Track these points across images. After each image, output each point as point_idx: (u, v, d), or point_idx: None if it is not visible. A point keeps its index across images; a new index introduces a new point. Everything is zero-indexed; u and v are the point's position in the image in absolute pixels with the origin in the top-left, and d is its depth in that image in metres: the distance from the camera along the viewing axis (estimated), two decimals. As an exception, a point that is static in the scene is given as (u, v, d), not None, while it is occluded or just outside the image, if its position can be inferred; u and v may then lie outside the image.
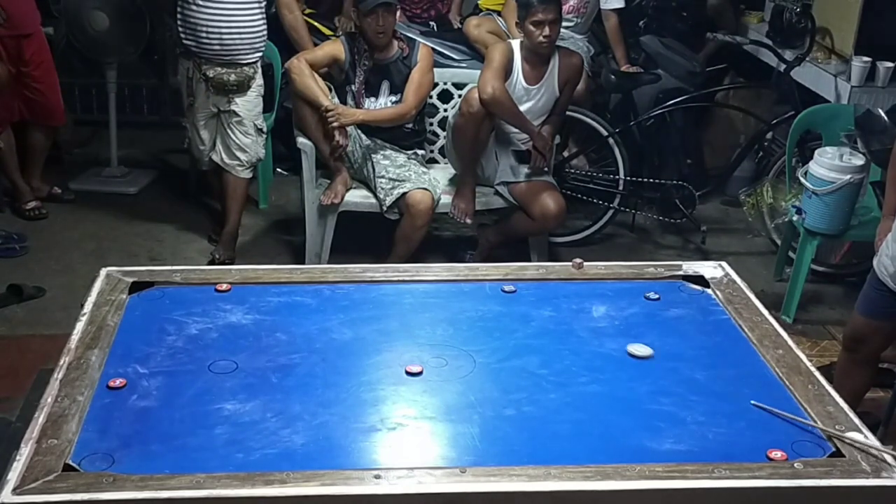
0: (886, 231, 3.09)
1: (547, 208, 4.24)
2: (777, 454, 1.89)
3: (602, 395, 2.12)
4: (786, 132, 4.58)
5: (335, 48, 4.34)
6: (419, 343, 2.31)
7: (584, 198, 4.91)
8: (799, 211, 4.13)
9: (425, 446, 1.96)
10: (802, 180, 4.11)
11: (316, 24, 5.03)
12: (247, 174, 4.52)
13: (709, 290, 2.59)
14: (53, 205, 5.00)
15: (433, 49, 4.58)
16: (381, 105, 4.34)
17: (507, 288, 2.56)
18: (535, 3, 4.03)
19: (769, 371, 2.21)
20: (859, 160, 3.96)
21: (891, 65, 4.58)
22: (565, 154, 5.06)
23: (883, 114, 3.67)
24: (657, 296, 2.55)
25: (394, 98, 4.34)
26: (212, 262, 4.37)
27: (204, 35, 4.20)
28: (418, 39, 4.53)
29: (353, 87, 4.33)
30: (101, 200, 5.04)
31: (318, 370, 2.18)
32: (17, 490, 1.72)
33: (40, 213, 4.88)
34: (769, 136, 5.09)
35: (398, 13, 4.25)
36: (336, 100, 4.30)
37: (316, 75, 4.24)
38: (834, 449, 1.92)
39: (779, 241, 4.68)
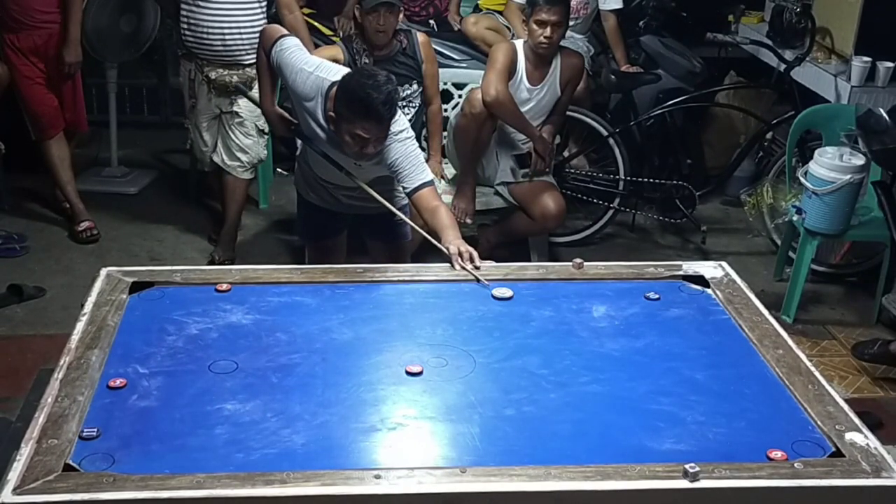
0: None
1: (547, 208, 4.24)
2: (777, 454, 1.89)
3: (602, 395, 2.12)
4: (786, 132, 4.57)
5: (333, 51, 4.32)
6: (419, 343, 2.31)
7: (584, 198, 4.91)
8: (799, 211, 4.13)
9: (425, 446, 1.96)
10: (802, 180, 4.11)
11: (316, 24, 5.03)
12: (247, 175, 4.52)
13: (709, 290, 2.59)
14: (53, 205, 5.00)
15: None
16: None
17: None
18: (541, 1, 4.03)
19: (769, 371, 2.21)
20: (859, 160, 3.96)
21: (891, 65, 4.58)
22: (565, 154, 5.06)
23: (884, 113, 3.67)
24: (657, 296, 2.55)
25: (400, 90, 4.31)
26: (211, 263, 4.37)
27: (206, 36, 4.20)
28: (413, 28, 4.52)
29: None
30: (101, 200, 5.04)
31: (318, 370, 2.18)
32: (17, 490, 1.72)
33: (92, 236, 4.67)
34: (769, 136, 5.09)
35: (401, 15, 4.23)
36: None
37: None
38: (834, 449, 1.92)
39: (779, 241, 4.68)
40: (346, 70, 3.09)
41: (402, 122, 3.04)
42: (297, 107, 3.17)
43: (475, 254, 2.74)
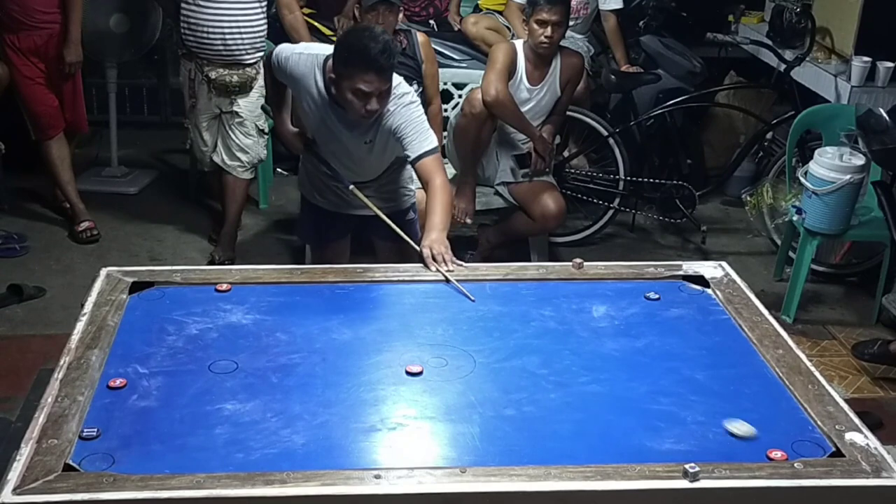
0: None
1: (547, 208, 4.24)
2: (777, 454, 1.89)
3: (602, 395, 2.12)
4: (786, 132, 4.57)
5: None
6: (419, 343, 2.31)
7: (584, 198, 4.91)
8: (799, 211, 4.13)
9: (425, 446, 1.96)
10: (802, 180, 4.11)
11: (316, 24, 5.03)
12: (247, 175, 4.52)
13: (709, 290, 2.59)
14: (53, 205, 5.00)
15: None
16: None
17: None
18: (542, 1, 4.03)
19: (769, 371, 2.21)
20: (859, 160, 3.96)
21: (891, 65, 4.58)
22: (565, 154, 5.06)
23: (884, 113, 3.67)
24: (657, 296, 2.55)
25: None
26: (211, 263, 4.37)
27: (206, 35, 4.20)
28: (412, 27, 4.52)
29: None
30: (101, 200, 5.04)
31: (318, 370, 2.18)
32: (17, 490, 1.72)
33: (92, 236, 4.68)
34: (769, 136, 5.09)
35: (400, 15, 4.23)
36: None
37: None
38: (834, 449, 1.92)
39: (779, 241, 4.68)
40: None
41: (405, 86, 3.03)
42: (303, 96, 3.11)
43: (448, 255, 2.70)
